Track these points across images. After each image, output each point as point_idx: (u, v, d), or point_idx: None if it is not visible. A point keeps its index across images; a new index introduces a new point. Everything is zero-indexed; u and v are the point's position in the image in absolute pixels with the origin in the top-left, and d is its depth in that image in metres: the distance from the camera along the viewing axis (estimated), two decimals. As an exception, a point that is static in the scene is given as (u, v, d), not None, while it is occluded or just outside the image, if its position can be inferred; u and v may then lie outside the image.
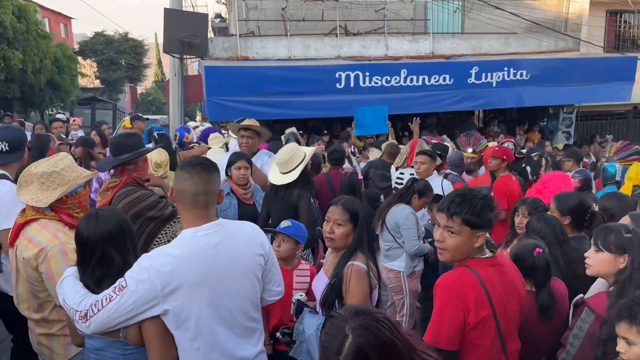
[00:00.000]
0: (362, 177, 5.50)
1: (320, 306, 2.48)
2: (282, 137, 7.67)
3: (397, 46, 11.00)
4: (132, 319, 1.89)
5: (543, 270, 2.61)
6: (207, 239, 1.94)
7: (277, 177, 3.96)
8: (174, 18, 8.43)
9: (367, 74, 9.41)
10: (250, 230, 2.17)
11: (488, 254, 2.15)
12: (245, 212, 3.88)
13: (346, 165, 6.16)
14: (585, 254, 2.45)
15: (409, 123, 7.48)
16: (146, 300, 1.86)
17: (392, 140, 7.43)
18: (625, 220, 2.61)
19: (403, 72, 9.51)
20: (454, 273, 2.08)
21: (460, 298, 1.99)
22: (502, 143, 7.48)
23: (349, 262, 2.39)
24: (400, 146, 6.59)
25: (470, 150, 6.10)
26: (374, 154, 7.70)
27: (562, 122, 12.08)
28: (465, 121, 11.84)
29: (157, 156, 4.18)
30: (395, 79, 9.50)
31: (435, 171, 5.13)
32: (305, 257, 3.74)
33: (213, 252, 1.95)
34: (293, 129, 8.16)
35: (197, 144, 7.10)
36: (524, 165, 6.17)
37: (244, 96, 8.75)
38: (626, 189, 4.46)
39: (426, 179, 4.54)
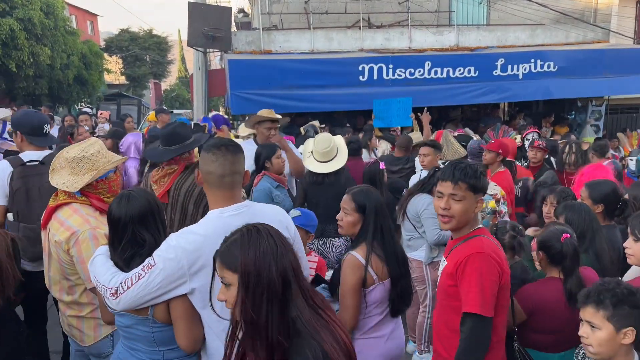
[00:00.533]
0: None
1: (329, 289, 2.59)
2: (302, 129, 7.68)
3: (421, 38, 10.88)
4: (160, 296, 1.92)
5: (571, 256, 2.54)
6: (234, 219, 1.95)
7: (319, 166, 4.19)
8: (198, 12, 8.52)
9: (391, 66, 9.36)
10: (276, 214, 2.18)
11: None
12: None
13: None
14: (625, 244, 2.39)
15: (419, 113, 7.36)
16: (174, 278, 1.88)
17: (417, 132, 7.36)
18: None
19: (427, 65, 9.43)
20: (480, 241, 2.18)
21: (497, 262, 2.13)
22: (526, 134, 7.37)
23: (348, 252, 2.48)
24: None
25: None
26: (382, 147, 7.66)
27: (591, 115, 11.79)
28: (491, 114, 11.66)
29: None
30: (419, 71, 9.42)
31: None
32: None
33: None
34: (315, 122, 8.17)
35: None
36: (547, 156, 6.05)
37: (267, 89, 8.79)
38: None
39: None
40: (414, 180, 4.77)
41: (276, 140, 4.47)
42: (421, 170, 5.18)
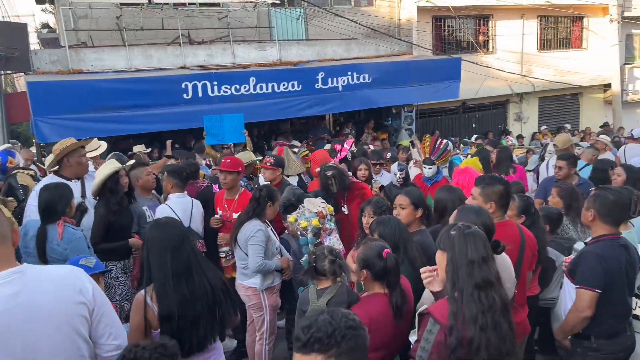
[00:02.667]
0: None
1: None
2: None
3: (245, 54, 10.90)
4: None
5: (394, 270, 2.62)
6: (1, 288, 1.60)
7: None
8: (-16, 29, 7.36)
9: (215, 83, 9.17)
10: (65, 277, 1.83)
11: None
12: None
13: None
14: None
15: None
16: None
17: (249, 149, 7.25)
18: (453, 215, 2.74)
19: (252, 80, 9.45)
20: None
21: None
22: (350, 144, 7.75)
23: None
24: None
25: (434, 157, 6.12)
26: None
27: (405, 120, 13.00)
28: (317, 125, 12.17)
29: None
30: (245, 87, 9.39)
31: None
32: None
33: (9, 304, 1.63)
34: (139, 147, 7.61)
35: (23, 169, 6.22)
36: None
37: (79, 113, 7.98)
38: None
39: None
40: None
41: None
42: None
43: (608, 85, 16.61)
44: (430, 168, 5.25)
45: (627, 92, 16.94)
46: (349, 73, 10.31)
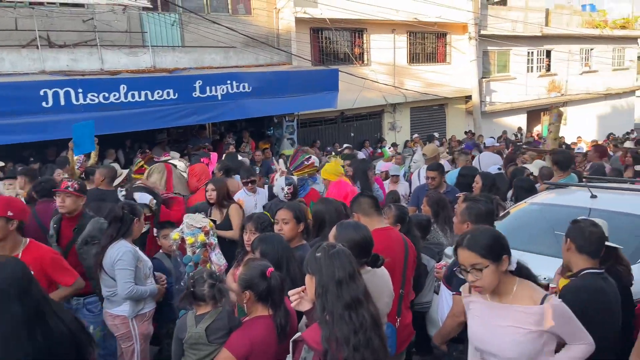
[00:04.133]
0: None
1: None
2: None
3: (114, 59, 10.19)
4: None
5: (278, 290, 2.54)
6: None
7: None
8: None
9: (80, 90, 8.40)
10: None
11: None
12: None
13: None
14: None
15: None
16: None
17: (94, 157, 6.71)
18: (333, 232, 2.71)
19: (123, 88, 8.81)
20: None
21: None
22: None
23: None
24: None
25: (291, 168, 5.85)
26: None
27: (286, 129, 13.06)
28: (197, 135, 11.76)
29: None
30: (115, 95, 8.73)
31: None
32: None
33: None
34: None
35: None
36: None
37: None
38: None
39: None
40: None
41: None
42: None
43: (469, 97, 18.22)
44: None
45: (485, 103, 18.75)
46: (228, 82, 10.07)
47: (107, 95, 8.61)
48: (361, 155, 12.06)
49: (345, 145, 12.15)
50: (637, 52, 26.46)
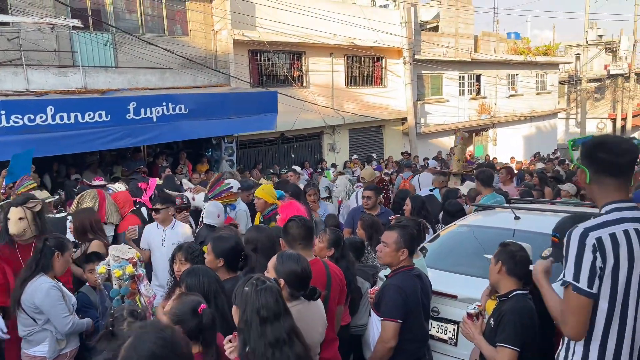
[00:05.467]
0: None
1: None
2: None
3: (42, 80, 9.76)
4: None
5: (210, 327, 2.45)
6: None
7: None
8: None
9: (3, 112, 7.95)
10: None
11: None
12: None
13: None
14: None
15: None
16: None
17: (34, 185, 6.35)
18: (273, 262, 2.68)
19: (50, 110, 8.41)
20: None
21: None
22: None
23: None
24: None
25: (210, 195, 5.65)
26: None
27: (225, 151, 12.91)
28: (132, 158, 11.38)
29: None
30: (41, 117, 8.31)
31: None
32: None
33: None
34: None
35: None
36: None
37: None
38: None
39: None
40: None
41: None
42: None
43: (405, 119, 18.81)
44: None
45: (420, 125, 19.41)
46: (164, 103, 9.84)
47: (32, 117, 8.19)
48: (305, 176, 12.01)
49: (292, 167, 11.76)
50: (558, 77, 28.44)
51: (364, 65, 17.83)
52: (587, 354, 2.14)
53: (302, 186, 6.75)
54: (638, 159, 2.23)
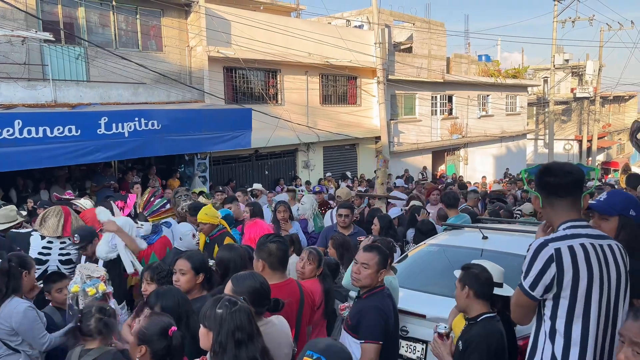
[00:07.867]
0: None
1: None
2: None
3: (10, 92, 9.56)
4: None
5: (179, 351, 2.43)
6: None
7: None
8: None
9: (-33, 124, 7.77)
10: None
11: None
12: None
13: None
14: None
15: None
16: None
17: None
18: (229, 286, 2.65)
19: (18, 123, 8.22)
20: None
21: None
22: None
23: None
24: None
25: (146, 213, 5.49)
26: None
27: (198, 167, 12.79)
28: (102, 172, 11.18)
29: None
30: (8, 130, 8.12)
31: None
32: None
33: None
34: None
35: None
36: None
37: None
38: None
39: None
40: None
41: None
42: None
43: (378, 137, 19.01)
44: (142, 225, 4.88)
45: (393, 143, 19.64)
46: (137, 118, 9.72)
47: (-1, 130, 8.01)
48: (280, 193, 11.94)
49: (254, 185, 11.60)
50: (527, 100, 29.28)
51: (339, 84, 18.04)
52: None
53: (273, 204, 6.72)
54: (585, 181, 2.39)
